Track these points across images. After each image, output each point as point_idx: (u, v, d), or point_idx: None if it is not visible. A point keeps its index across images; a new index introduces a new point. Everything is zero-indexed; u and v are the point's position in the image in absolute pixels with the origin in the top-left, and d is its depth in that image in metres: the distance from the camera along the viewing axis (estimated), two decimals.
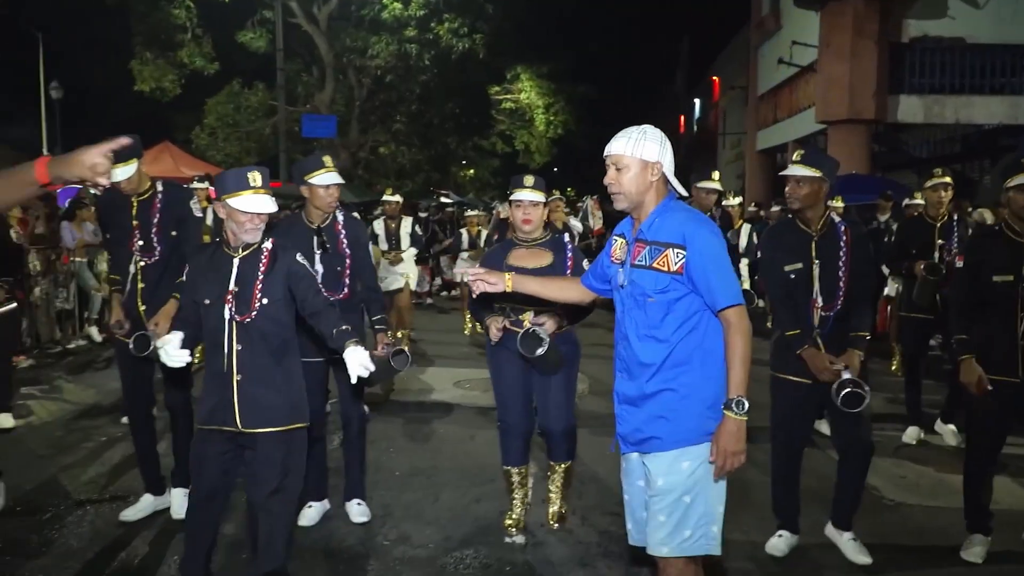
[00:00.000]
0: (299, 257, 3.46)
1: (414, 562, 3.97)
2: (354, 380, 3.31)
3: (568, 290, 3.26)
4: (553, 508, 4.32)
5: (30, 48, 26.46)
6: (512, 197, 4.13)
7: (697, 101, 40.41)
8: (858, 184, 13.51)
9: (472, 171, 36.57)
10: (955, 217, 6.03)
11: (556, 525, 4.27)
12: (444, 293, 14.73)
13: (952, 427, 5.89)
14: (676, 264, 2.66)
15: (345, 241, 4.32)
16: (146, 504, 4.46)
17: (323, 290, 3.93)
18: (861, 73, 15.89)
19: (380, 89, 26.35)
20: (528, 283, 3.21)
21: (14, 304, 6.01)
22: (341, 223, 4.35)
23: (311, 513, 4.40)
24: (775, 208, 11.60)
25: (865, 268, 3.95)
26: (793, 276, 3.87)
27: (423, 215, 16.49)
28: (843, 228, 3.92)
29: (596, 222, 12.80)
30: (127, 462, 5.11)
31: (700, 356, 2.73)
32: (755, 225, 9.81)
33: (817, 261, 3.85)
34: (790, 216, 4.08)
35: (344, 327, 3.37)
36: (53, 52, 27.55)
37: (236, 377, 3.30)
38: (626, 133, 2.76)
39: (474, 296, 3.28)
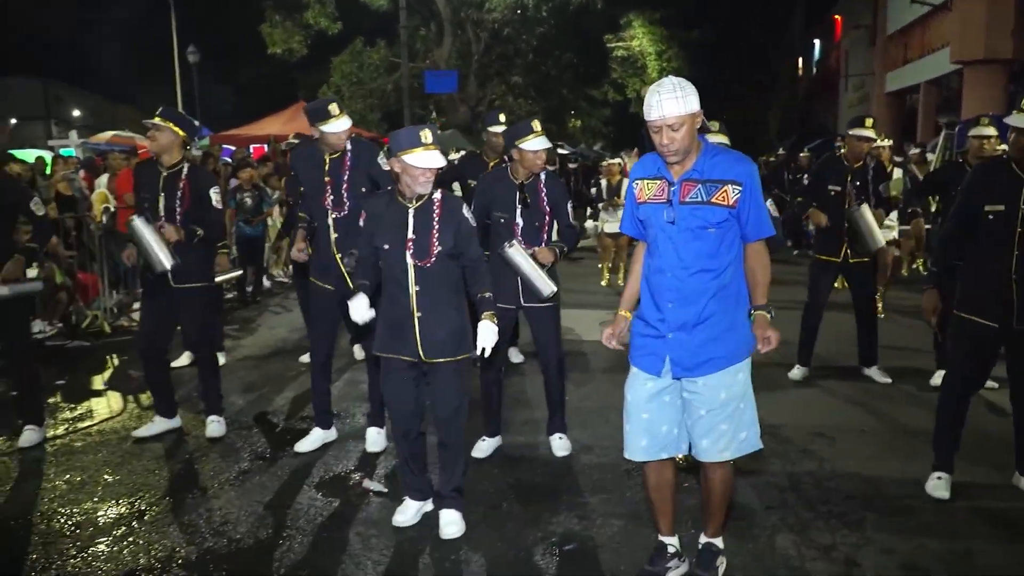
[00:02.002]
0: (464, 210, 3.75)
1: (602, 467, 4.48)
2: (478, 352, 3.71)
3: (639, 262, 3.27)
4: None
5: (163, 14, 27.77)
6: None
7: (817, 42, 38.96)
8: (996, 127, 13.13)
9: (580, 121, 36.49)
10: None
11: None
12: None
13: None
14: (733, 198, 2.96)
15: (546, 199, 4.57)
16: (316, 437, 4.91)
17: (522, 241, 4.46)
18: (998, 10, 15.30)
19: (497, 42, 26.64)
20: (629, 291, 3.28)
21: (239, 272, 6.67)
22: (543, 182, 4.59)
23: (484, 446, 4.76)
24: (915, 151, 11.45)
25: None
26: (992, 216, 3.94)
27: (572, 166, 17.03)
28: None
29: None
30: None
31: (738, 281, 3.09)
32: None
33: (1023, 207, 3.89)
34: (1001, 159, 4.17)
35: (487, 294, 3.73)
36: (186, 17, 28.83)
37: (417, 314, 3.66)
38: (670, 93, 2.86)
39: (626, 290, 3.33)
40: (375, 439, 4.85)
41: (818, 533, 3.80)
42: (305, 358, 6.64)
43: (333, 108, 4.54)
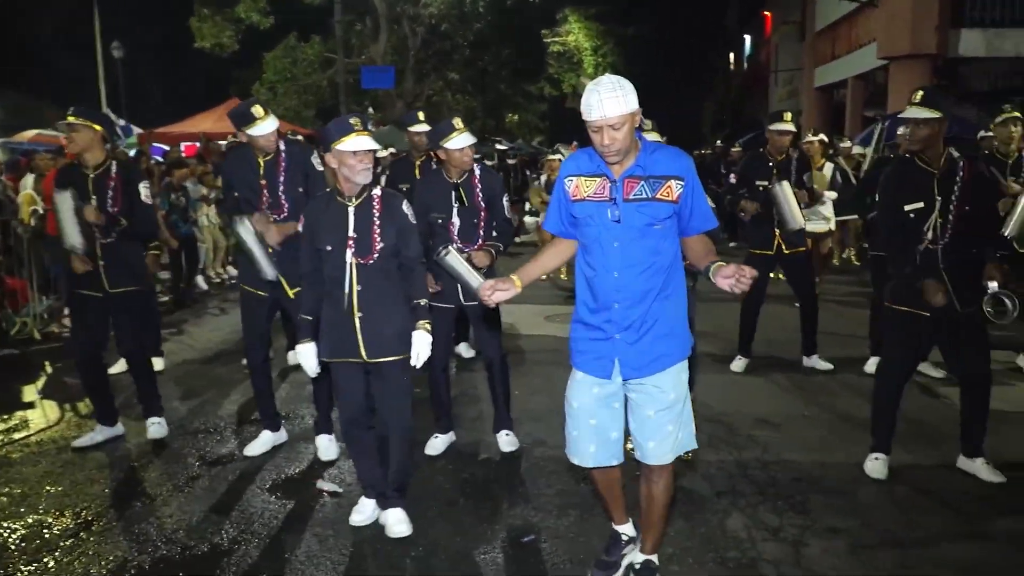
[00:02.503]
0: (404, 206, 3.71)
1: (555, 459, 4.52)
2: (414, 362, 3.65)
3: (563, 252, 3.21)
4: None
5: (86, 9, 26.87)
6: None
7: (748, 37, 39.78)
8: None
9: (517, 116, 36.65)
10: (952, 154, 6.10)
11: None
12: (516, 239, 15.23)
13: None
14: (676, 194, 2.91)
15: (481, 195, 4.57)
16: (266, 440, 4.83)
17: (458, 242, 4.46)
18: (923, 6, 15.78)
19: (434, 38, 26.55)
20: (531, 271, 3.19)
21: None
22: (478, 177, 4.59)
23: (437, 444, 4.75)
24: (846, 144, 11.77)
25: (986, 201, 4.14)
26: (913, 215, 4.09)
27: (511, 161, 17.10)
28: (962, 164, 4.09)
29: None
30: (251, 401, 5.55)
31: (679, 275, 3.06)
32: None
33: (939, 199, 4.05)
34: (908, 156, 4.26)
35: (423, 302, 3.70)
36: (110, 12, 27.98)
37: (358, 314, 3.61)
38: (611, 92, 2.77)
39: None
40: (326, 447, 4.76)
41: (767, 515, 3.92)
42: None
43: (257, 110, 4.46)
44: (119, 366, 6.38)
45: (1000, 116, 6.07)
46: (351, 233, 3.59)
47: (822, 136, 9.38)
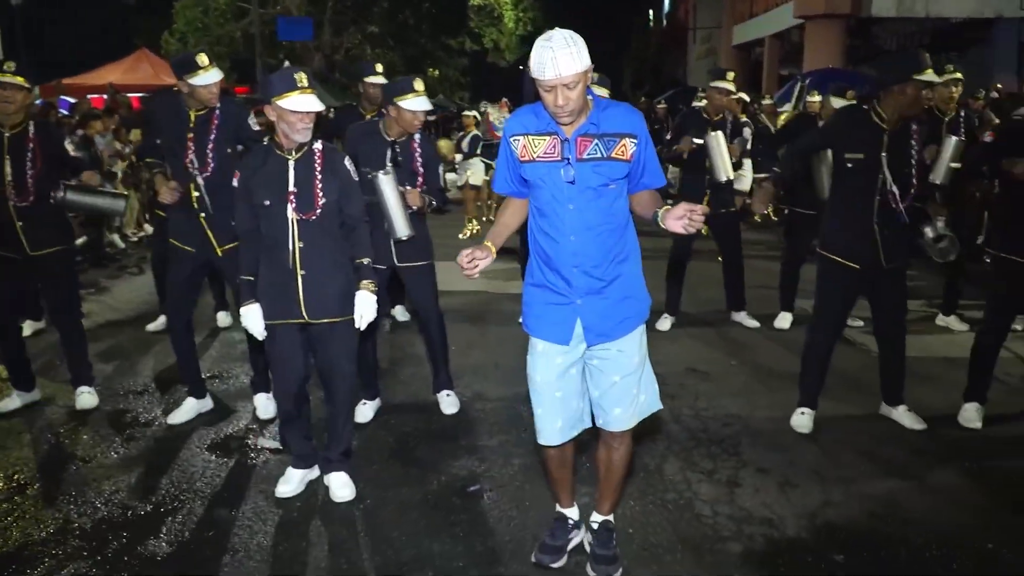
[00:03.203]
0: (347, 161, 3.62)
1: (495, 411, 4.59)
2: (358, 324, 3.59)
3: (520, 209, 3.10)
4: None
5: None
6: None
7: None
8: (833, 78, 14.00)
9: (438, 72, 36.23)
10: (962, 113, 6.18)
11: None
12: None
13: (954, 317, 6.37)
14: (631, 152, 2.80)
15: (420, 160, 4.44)
16: (189, 407, 4.67)
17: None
18: None
19: None
20: (499, 234, 3.09)
21: None
22: (418, 142, 4.44)
23: (365, 411, 4.63)
24: (768, 101, 12.05)
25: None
26: (851, 165, 4.16)
27: (432, 118, 16.96)
28: (914, 126, 4.17)
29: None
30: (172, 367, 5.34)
31: (633, 235, 2.98)
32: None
33: (885, 154, 4.10)
34: (865, 108, 4.27)
35: (366, 261, 3.60)
36: None
37: (300, 273, 3.50)
38: (564, 48, 2.59)
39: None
40: (264, 405, 4.68)
41: (701, 459, 4.10)
42: (153, 325, 6.41)
43: (202, 59, 4.24)
44: (26, 329, 6.13)
45: (944, 76, 6.04)
46: (291, 188, 3.46)
47: (742, 94, 9.53)
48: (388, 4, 26.89)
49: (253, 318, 3.59)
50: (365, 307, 3.59)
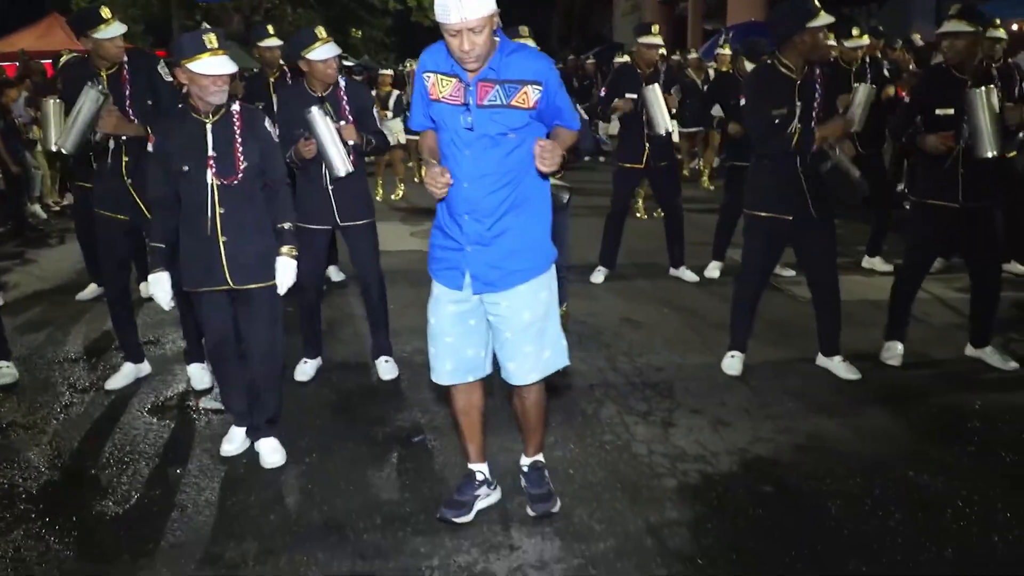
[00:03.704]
0: (267, 123, 3.54)
1: None
2: (279, 291, 3.56)
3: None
4: None
5: None
6: None
7: None
8: (755, 31, 14.24)
9: (361, 32, 35.43)
10: (867, 60, 6.41)
11: None
12: None
13: (879, 258, 6.66)
14: (533, 99, 2.72)
15: (348, 108, 4.36)
16: (128, 372, 4.62)
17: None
18: None
19: None
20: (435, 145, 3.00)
21: None
22: (343, 90, 4.38)
23: (307, 368, 4.64)
24: (693, 55, 12.22)
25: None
26: (778, 121, 4.18)
27: (358, 78, 16.65)
28: (817, 71, 4.22)
29: None
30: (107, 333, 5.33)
31: (540, 192, 2.92)
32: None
33: (799, 103, 4.16)
34: (945, 66, 4.45)
35: (287, 226, 3.56)
36: None
37: (222, 239, 3.43)
38: None
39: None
40: (199, 376, 4.58)
41: (636, 402, 4.26)
42: (83, 294, 6.28)
43: (105, 11, 4.08)
44: None
45: (850, 41, 6.22)
46: (211, 152, 3.38)
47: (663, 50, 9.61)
48: None
49: (161, 287, 3.55)
50: (285, 273, 3.55)
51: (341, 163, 4.20)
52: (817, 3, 4.11)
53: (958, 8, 4.39)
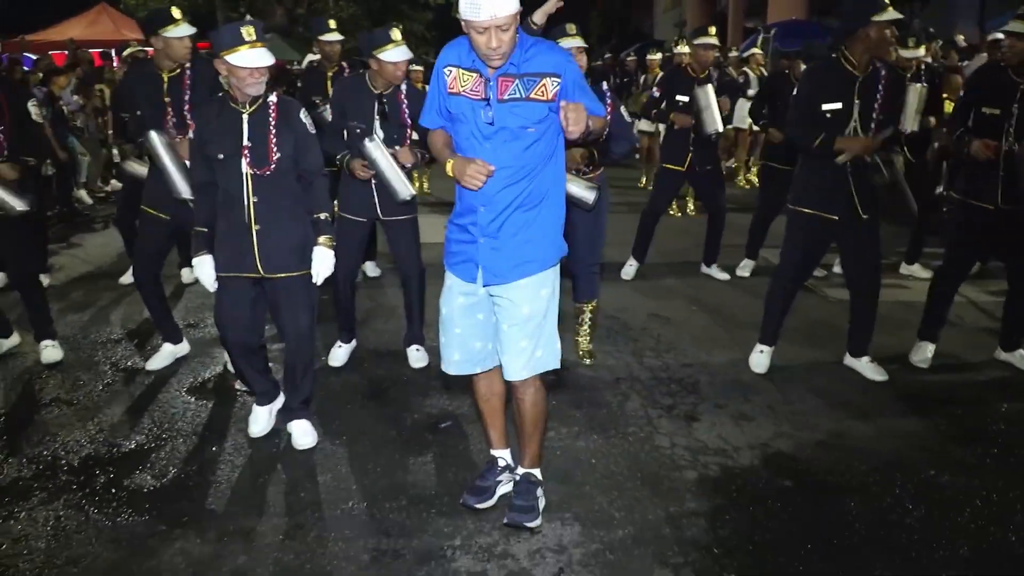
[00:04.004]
0: (303, 115, 3.58)
1: None
2: (315, 280, 3.63)
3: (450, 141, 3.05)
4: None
5: None
6: None
7: None
8: (797, 30, 14.14)
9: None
10: (922, 67, 6.22)
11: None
12: None
13: (918, 265, 6.54)
14: (552, 92, 2.75)
15: (407, 111, 4.39)
16: (167, 353, 4.78)
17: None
18: None
19: None
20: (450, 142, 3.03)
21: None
22: (404, 93, 4.41)
23: (340, 353, 4.76)
24: (733, 54, 12.17)
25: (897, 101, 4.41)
26: (830, 116, 4.15)
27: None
28: (883, 72, 4.18)
29: None
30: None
31: (556, 186, 2.95)
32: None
33: (858, 101, 4.13)
34: (1003, 65, 4.44)
35: (323, 216, 3.61)
36: None
37: (255, 227, 3.51)
38: None
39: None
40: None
41: (661, 396, 4.32)
42: (125, 278, 6.42)
43: (175, 11, 4.20)
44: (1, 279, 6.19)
45: (906, 51, 6.07)
46: (245, 142, 3.46)
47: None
48: None
49: (205, 269, 3.65)
50: (322, 263, 3.62)
51: (403, 188, 4.32)
52: None
53: None
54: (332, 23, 6.05)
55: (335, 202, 4.46)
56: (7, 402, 4.32)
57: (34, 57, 14.16)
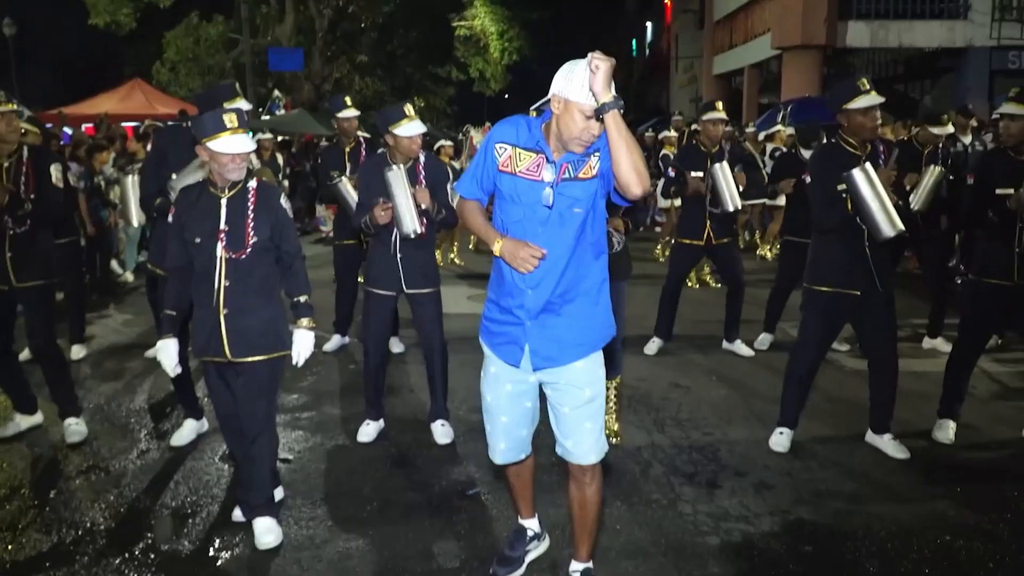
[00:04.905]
0: (283, 200, 3.63)
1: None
2: (295, 362, 3.62)
3: (483, 213, 3.04)
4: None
5: None
6: None
7: (649, 24, 40.79)
8: (811, 107, 14.47)
9: (424, 101, 36.66)
10: (939, 145, 6.35)
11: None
12: None
13: (940, 339, 6.51)
14: (595, 167, 2.75)
15: (425, 182, 4.53)
16: (190, 428, 4.79)
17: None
18: (814, 0, 16.75)
19: (342, 19, 26.38)
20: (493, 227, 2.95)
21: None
22: (423, 164, 4.59)
23: (369, 430, 4.78)
24: (750, 129, 12.45)
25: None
26: (845, 196, 4.19)
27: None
28: (881, 148, 4.32)
29: None
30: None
31: (602, 262, 2.93)
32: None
33: None
34: (1003, 147, 4.54)
35: (303, 299, 3.65)
36: None
37: (223, 311, 3.49)
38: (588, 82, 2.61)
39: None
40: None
41: (683, 464, 4.41)
42: (151, 352, 6.52)
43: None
44: (27, 353, 6.30)
45: (937, 128, 6.24)
46: (222, 226, 3.48)
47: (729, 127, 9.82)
48: (376, 34, 27.39)
49: (166, 353, 3.63)
50: (302, 344, 3.63)
51: (411, 221, 4.39)
52: (864, 83, 4.20)
53: (1017, 91, 4.46)
54: (348, 100, 6.30)
55: (360, 277, 4.59)
56: (39, 473, 4.47)
57: (70, 131, 14.71)
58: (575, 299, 2.87)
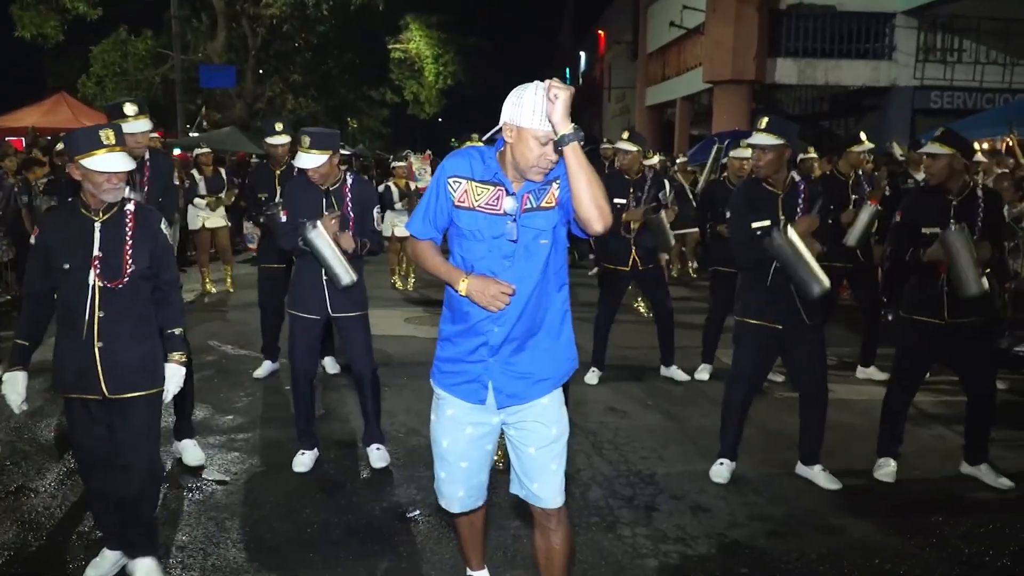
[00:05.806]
0: (164, 225, 3.39)
1: (427, 447, 4.79)
2: (166, 397, 3.37)
3: (439, 252, 2.88)
4: None
5: None
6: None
7: (583, 54, 41.52)
8: (741, 139, 14.87)
9: (358, 122, 36.54)
10: (860, 173, 6.56)
11: None
12: None
13: (873, 367, 6.69)
14: (556, 196, 2.66)
15: (351, 205, 4.48)
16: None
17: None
18: (744, 37, 17.35)
19: (275, 38, 26.17)
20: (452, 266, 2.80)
21: None
22: (349, 185, 4.52)
23: (305, 460, 4.61)
24: (682, 159, 12.75)
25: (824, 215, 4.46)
26: (760, 232, 4.23)
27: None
28: (802, 186, 4.37)
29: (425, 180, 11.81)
30: None
31: (563, 291, 2.81)
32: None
33: (783, 217, 4.26)
34: (754, 178, 4.47)
35: (178, 331, 3.40)
36: None
37: (97, 344, 3.18)
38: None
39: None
40: (192, 451, 4.68)
41: (621, 487, 4.47)
42: None
43: (128, 108, 4.23)
44: None
45: (858, 146, 6.46)
46: (96, 252, 3.17)
47: (659, 156, 10.03)
48: (311, 54, 27.24)
49: (12, 387, 3.26)
50: (172, 379, 3.37)
51: (345, 273, 4.32)
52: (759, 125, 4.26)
53: (942, 130, 4.58)
54: (279, 125, 6.17)
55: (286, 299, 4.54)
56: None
57: None
58: (538, 332, 2.76)
